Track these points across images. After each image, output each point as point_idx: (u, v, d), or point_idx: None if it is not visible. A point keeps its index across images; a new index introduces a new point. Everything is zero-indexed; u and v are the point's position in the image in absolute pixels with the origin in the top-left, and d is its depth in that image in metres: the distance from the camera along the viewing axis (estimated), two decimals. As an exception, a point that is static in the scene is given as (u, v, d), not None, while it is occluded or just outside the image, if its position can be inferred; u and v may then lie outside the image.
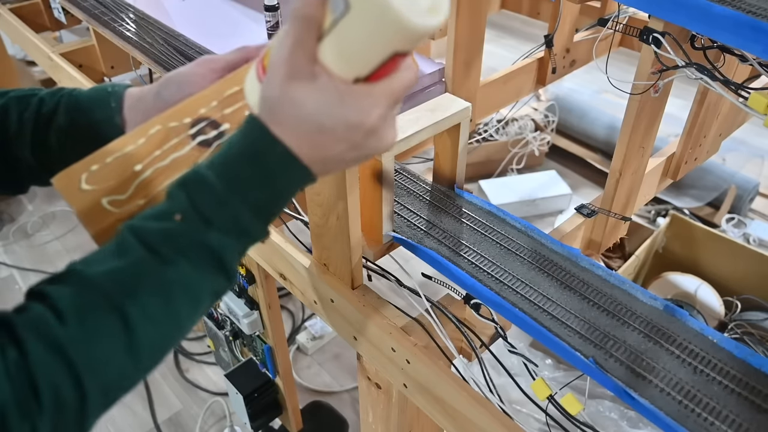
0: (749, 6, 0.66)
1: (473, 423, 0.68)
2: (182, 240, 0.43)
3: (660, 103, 0.88)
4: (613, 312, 0.67)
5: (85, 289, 0.41)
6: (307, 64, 0.43)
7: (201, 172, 0.44)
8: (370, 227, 0.79)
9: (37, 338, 0.39)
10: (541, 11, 1.75)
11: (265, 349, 1.15)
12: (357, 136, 0.44)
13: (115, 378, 0.42)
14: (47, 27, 1.81)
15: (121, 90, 0.60)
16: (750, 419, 0.56)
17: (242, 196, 0.44)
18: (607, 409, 1.52)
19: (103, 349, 0.41)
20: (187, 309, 0.44)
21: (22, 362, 0.38)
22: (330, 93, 0.43)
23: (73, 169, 0.52)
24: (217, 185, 0.43)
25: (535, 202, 2.31)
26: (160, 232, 0.43)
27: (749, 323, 1.57)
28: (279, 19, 1.18)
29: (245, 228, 0.45)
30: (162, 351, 0.45)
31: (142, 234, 0.43)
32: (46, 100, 0.59)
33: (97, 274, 0.42)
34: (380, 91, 0.44)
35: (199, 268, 0.43)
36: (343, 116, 0.43)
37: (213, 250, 0.44)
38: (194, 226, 0.43)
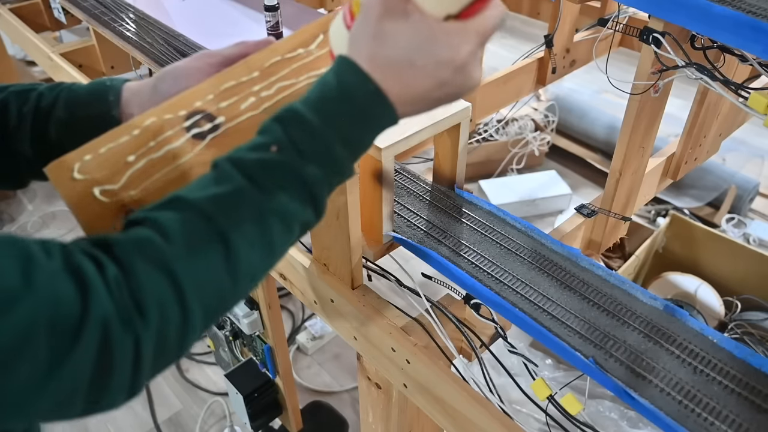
0: (749, 6, 0.66)
1: (473, 423, 0.68)
2: (278, 170, 0.45)
3: (660, 103, 0.88)
4: (613, 312, 0.67)
5: (190, 212, 0.43)
6: (400, 2, 0.45)
7: (295, 108, 0.46)
8: (370, 227, 0.79)
9: (143, 256, 0.40)
10: (541, 11, 1.75)
11: (265, 349, 1.15)
12: (446, 73, 0.45)
13: (215, 298, 0.43)
14: (47, 27, 1.81)
15: (119, 84, 0.60)
16: (750, 419, 0.56)
17: (335, 131, 0.45)
18: (607, 409, 1.52)
19: (207, 268, 0.42)
20: (280, 238, 0.46)
21: (124, 279, 0.39)
22: (422, 30, 0.44)
23: (66, 158, 0.52)
24: (312, 119, 0.45)
25: (535, 202, 2.31)
26: (258, 162, 0.45)
27: (749, 323, 1.57)
28: (279, 19, 1.18)
29: (336, 162, 0.46)
30: (257, 277, 0.46)
31: (240, 164, 0.45)
32: (45, 94, 0.59)
33: (200, 199, 0.43)
34: (471, 28, 0.45)
35: (293, 199, 0.45)
36: (434, 53, 0.45)
37: (306, 182, 0.45)
38: (290, 157, 0.45)
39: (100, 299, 0.38)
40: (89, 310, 0.37)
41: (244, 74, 0.57)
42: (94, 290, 0.38)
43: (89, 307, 0.37)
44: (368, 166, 0.74)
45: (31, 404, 0.36)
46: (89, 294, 0.37)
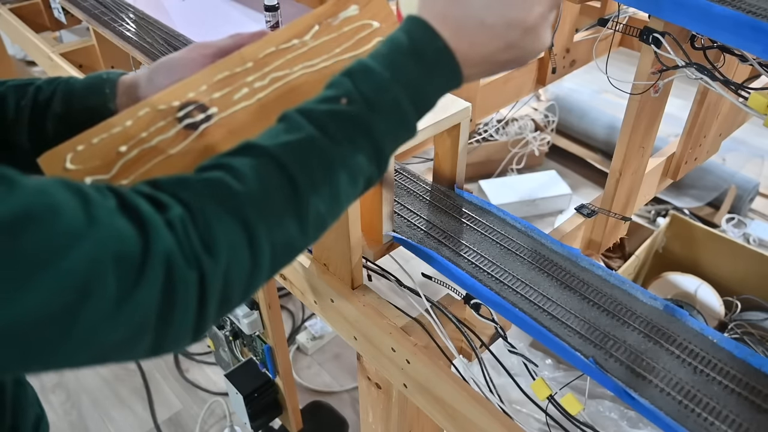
0: (749, 6, 0.66)
1: (473, 423, 0.68)
2: (348, 122, 0.45)
3: (660, 103, 0.88)
4: (613, 312, 0.67)
5: (263, 158, 0.43)
6: None
7: (365, 62, 0.46)
8: (370, 227, 0.79)
9: (215, 198, 0.40)
10: (541, 11, 1.75)
11: (265, 349, 1.15)
12: (515, 34, 0.46)
13: (284, 244, 0.43)
14: (47, 27, 1.81)
15: (116, 77, 0.61)
16: (750, 419, 0.56)
17: (403, 85, 0.46)
18: (607, 409, 1.52)
19: (278, 214, 0.42)
20: (346, 189, 0.46)
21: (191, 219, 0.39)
22: None
23: (59, 149, 0.53)
24: (381, 72, 0.45)
25: (535, 202, 2.31)
26: (328, 113, 0.45)
27: (749, 323, 1.57)
28: (279, 19, 1.18)
29: (403, 117, 0.46)
30: (323, 226, 0.46)
31: (311, 114, 0.45)
32: (43, 88, 0.60)
33: (273, 146, 0.44)
34: None
35: (361, 151, 0.45)
36: (505, 13, 0.45)
37: (374, 135, 0.45)
38: (359, 109, 0.45)
39: (160, 236, 0.38)
40: (150, 246, 0.37)
41: (238, 65, 0.57)
42: (153, 227, 0.38)
43: (150, 243, 0.37)
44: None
45: (102, 339, 0.36)
46: (149, 231, 0.37)
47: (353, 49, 0.57)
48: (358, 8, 0.57)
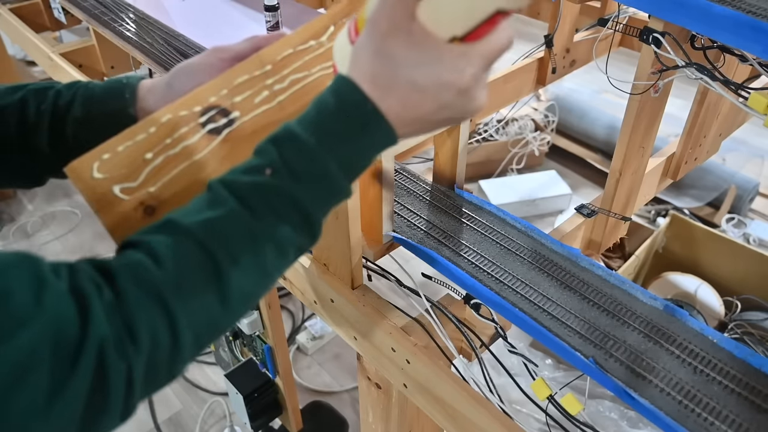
0: (749, 6, 0.66)
1: (473, 423, 0.68)
2: (272, 194, 0.44)
3: (660, 103, 0.88)
4: (613, 312, 0.67)
5: (181, 237, 0.43)
6: (406, 21, 0.43)
7: (291, 128, 0.45)
8: (370, 227, 0.79)
9: (135, 282, 0.40)
10: (541, 11, 1.75)
11: (265, 349, 1.15)
12: (449, 96, 0.45)
13: (206, 324, 0.43)
14: (47, 27, 1.81)
15: (135, 81, 0.61)
16: (750, 419, 0.56)
17: (331, 152, 0.45)
18: (607, 409, 1.52)
19: (198, 294, 0.42)
20: (274, 262, 0.45)
21: (117, 304, 0.39)
22: (426, 51, 0.43)
23: (85, 158, 0.53)
24: (308, 140, 0.44)
25: (535, 202, 2.31)
26: (251, 186, 0.44)
27: (749, 323, 1.57)
28: (279, 19, 1.18)
29: (333, 184, 0.45)
30: (249, 302, 0.46)
31: (233, 187, 0.44)
32: (63, 92, 0.60)
33: (192, 223, 0.43)
34: (477, 52, 0.44)
35: (287, 223, 0.44)
36: (438, 75, 0.44)
37: (300, 205, 0.45)
38: (284, 180, 0.44)
39: (99, 322, 0.38)
40: (88, 332, 0.37)
41: (257, 68, 0.57)
42: (94, 313, 0.38)
43: (88, 329, 0.37)
44: (368, 166, 0.74)
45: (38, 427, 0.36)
46: (89, 317, 0.37)
47: None
48: None
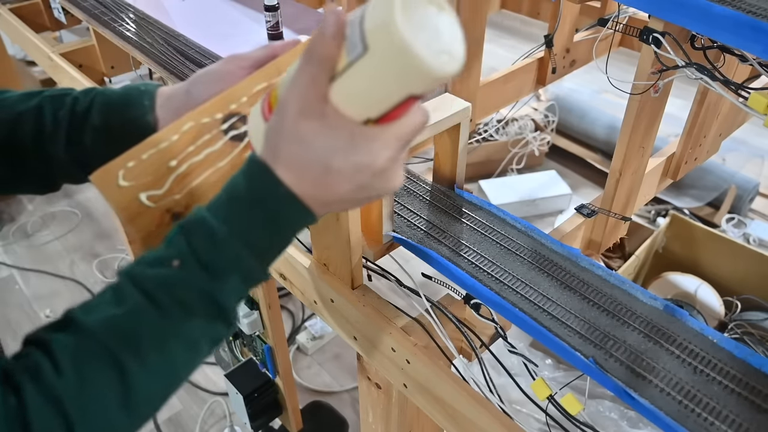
0: (749, 6, 0.66)
1: (473, 423, 0.68)
2: (179, 288, 0.42)
3: (660, 103, 0.88)
4: (613, 312, 0.67)
5: (83, 338, 0.41)
6: (319, 103, 0.42)
7: (201, 216, 0.44)
8: (370, 227, 0.79)
9: (34, 387, 0.39)
10: (541, 11, 1.75)
11: (265, 349, 1.15)
12: (364, 178, 0.44)
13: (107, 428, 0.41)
14: (47, 27, 1.81)
15: (153, 89, 0.61)
16: (750, 419, 0.56)
17: (243, 239, 0.43)
18: (607, 409, 1.52)
19: (98, 401, 0.40)
20: (185, 358, 0.44)
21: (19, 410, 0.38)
22: (340, 133, 0.42)
23: (110, 166, 0.53)
24: (218, 228, 0.43)
25: (535, 202, 2.31)
26: (158, 279, 0.42)
27: (749, 323, 1.57)
28: (279, 19, 1.18)
29: (246, 271, 0.44)
30: (157, 402, 0.44)
31: (139, 281, 0.42)
32: (80, 99, 0.60)
33: (94, 323, 0.41)
34: (391, 134, 0.43)
35: (197, 315, 0.43)
36: (352, 157, 0.43)
37: (211, 296, 0.43)
38: (193, 272, 0.43)
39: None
40: None
41: (275, 75, 0.57)
42: None
43: None
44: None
45: None
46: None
47: None
48: None
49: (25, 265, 2.14)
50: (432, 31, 0.41)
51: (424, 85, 0.42)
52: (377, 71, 0.41)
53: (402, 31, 0.38)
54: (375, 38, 0.40)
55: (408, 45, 0.38)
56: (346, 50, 0.42)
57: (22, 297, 2.02)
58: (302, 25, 1.23)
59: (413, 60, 0.39)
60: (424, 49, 0.39)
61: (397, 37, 0.38)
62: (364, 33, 0.40)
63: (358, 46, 0.41)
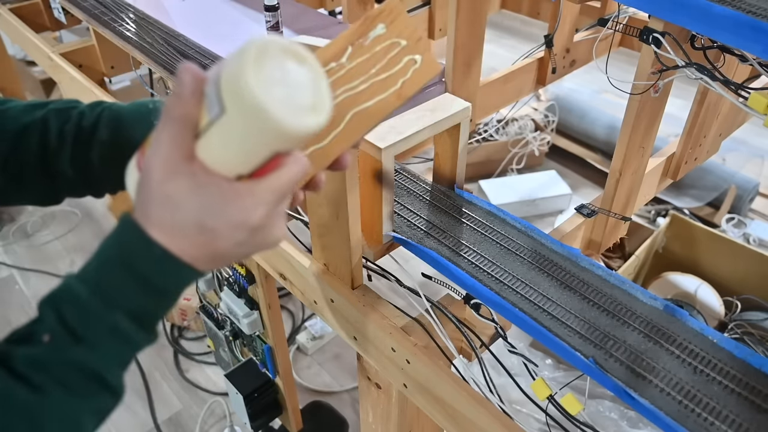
0: (749, 6, 0.66)
1: (473, 423, 0.68)
2: (52, 364, 0.40)
3: (660, 103, 0.88)
4: (613, 312, 0.67)
5: None
6: (184, 162, 0.41)
7: (71, 286, 0.41)
8: (370, 227, 0.79)
9: None
10: (541, 11, 1.75)
11: (265, 349, 1.15)
12: (242, 235, 0.42)
13: None
14: (47, 27, 1.81)
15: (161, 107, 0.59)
16: (750, 419, 0.56)
17: (119, 307, 0.41)
18: (607, 409, 1.52)
19: None
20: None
21: None
22: (209, 191, 0.40)
23: None
24: (89, 299, 0.41)
25: (535, 202, 2.31)
26: (27, 358, 0.40)
27: (749, 323, 1.57)
28: (279, 19, 1.18)
29: (126, 339, 0.42)
30: None
31: (7, 362, 0.40)
32: (87, 113, 0.59)
33: None
34: (264, 189, 0.41)
35: (75, 391, 0.40)
36: (225, 215, 0.41)
37: (89, 369, 0.41)
38: (65, 346, 0.40)
39: None
40: None
41: None
42: None
43: None
44: (368, 166, 0.74)
45: None
46: None
47: (387, 69, 0.55)
48: (385, 27, 0.56)
49: (25, 265, 2.14)
50: (291, 86, 0.39)
51: (288, 143, 0.41)
52: (236, 131, 0.39)
53: (253, 90, 0.37)
54: (229, 98, 0.38)
55: (261, 105, 0.37)
56: (207, 108, 0.41)
57: (22, 297, 2.03)
58: (302, 25, 1.23)
59: (268, 120, 0.38)
60: (280, 108, 0.38)
61: (249, 97, 0.37)
62: (219, 92, 0.39)
63: (215, 105, 0.39)
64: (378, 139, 0.72)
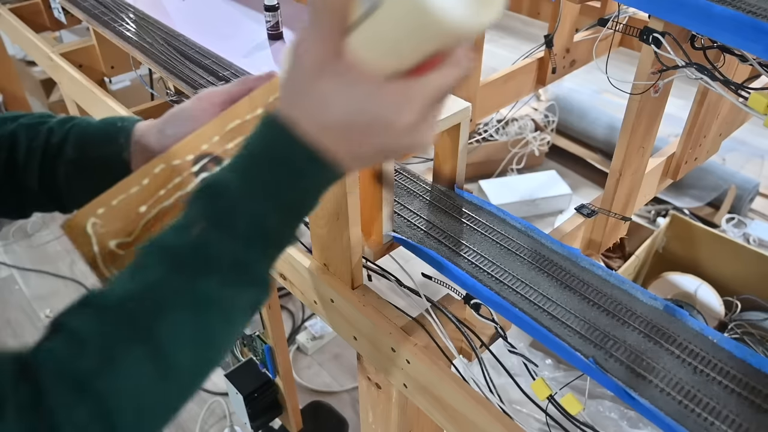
0: (749, 6, 0.66)
1: (473, 423, 0.68)
2: (204, 253, 0.40)
3: (660, 103, 0.88)
4: (613, 312, 0.67)
5: (107, 315, 0.39)
6: (333, 59, 0.40)
7: (220, 179, 0.42)
8: (370, 227, 0.79)
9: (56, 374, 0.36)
10: (541, 11, 1.75)
11: (265, 349, 1.15)
12: (389, 137, 0.41)
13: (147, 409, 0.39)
14: (47, 27, 1.81)
15: (131, 125, 0.59)
16: (750, 419, 0.56)
17: (266, 201, 0.41)
18: (607, 409, 1.52)
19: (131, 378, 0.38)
20: (221, 326, 0.41)
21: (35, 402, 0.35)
22: (359, 90, 0.40)
23: (80, 215, 0.52)
24: (237, 190, 0.41)
25: (535, 202, 2.31)
26: (181, 247, 0.41)
27: (749, 323, 1.57)
28: (279, 19, 1.18)
29: (272, 234, 0.42)
30: (199, 374, 0.42)
31: (161, 252, 0.41)
32: (56, 130, 0.58)
33: (117, 298, 0.39)
34: (417, 90, 0.40)
35: (227, 281, 0.41)
36: (375, 114, 0.40)
37: (239, 260, 0.41)
38: (216, 236, 0.41)
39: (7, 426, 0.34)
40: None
41: (248, 112, 0.55)
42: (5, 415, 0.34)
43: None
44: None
45: None
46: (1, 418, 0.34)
47: None
48: None
49: (25, 265, 2.14)
50: None
51: (450, 40, 0.37)
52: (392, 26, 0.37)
53: None
54: None
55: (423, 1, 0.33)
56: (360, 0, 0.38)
57: (22, 297, 2.02)
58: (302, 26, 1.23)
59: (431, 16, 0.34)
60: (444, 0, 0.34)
61: None
62: None
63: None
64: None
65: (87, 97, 1.33)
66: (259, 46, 1.18)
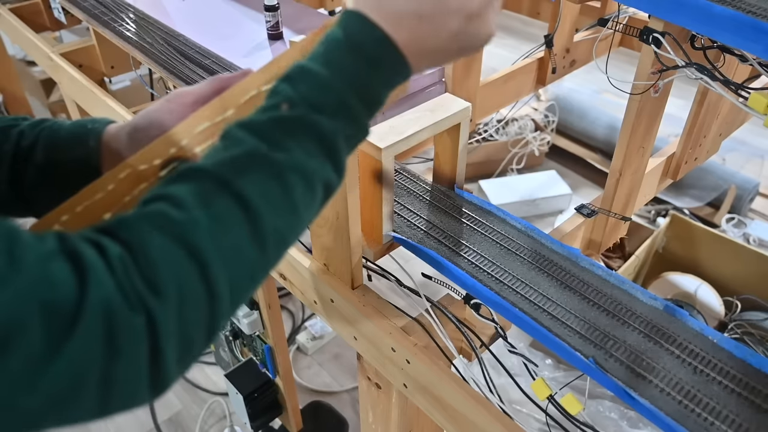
0: (749, 6, 0.66)
1: (473, 423, 0.68)
2: (291, 126, 0.43)
3: (660, 103, 0.88)
4: (613, 312, 0.67)
5: (202, 178, 0.40)
6: None
7: (301, 63, 0.44)
8: (370, 227, 0.79)
9: (154, 230, 0.37)
10: (541, 11, 1.75)
11: (265, 349, 1.15)
12: (457, 24, 0.44)
13: (242, 267, 0.40)
14: (47, 27, 1.81)
15: (101, 128, 0.58)
16: (750, 419, 0.56)
17: (346, 81, 0.44)
18: (607, 409, 1.52)
19: (229, 234, 0.39)
20: (304, 197, 0.43)
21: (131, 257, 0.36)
22: None
23: (43, 222, 0.50)
24: (320, 71, 0.43)
25: (535, 202, 2.31)
26: (270, 121, 0.43)
27: (749, 323, 1.57)
28: (279, 19, 1.18)
29: (351, 114, 0.44)
30: (284, 241, 0.43)
31: (251, 126, 0.43)
32: (26, 133, 0.57)
33: (211, 164, 0.41)
34: None
35: (310, 154, 0.43)
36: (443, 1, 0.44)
37: (322, 134, 0.43)
38: (302, 112, 0.43)
39: (100, 280, 0.34)
40: (87, 292, 0.33)
41: (219, 113, 0.53)
42: (93, 272, 0.34)
43: (87, 289, 0.34)
44: (368, 166, 0.74)
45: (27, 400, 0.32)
46: (87, 276, 0.34)
47: None
48: None
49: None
50: None
51: None
52: None
53: None
54: None
55: None
56: None
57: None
58: (302, 25, 1.23)
59: None
60: None
61: None
62: None
63: None
64: (378, 139, 0.72)
65: (87, 97, 1.33)
66: (259, 46, 1.18)
